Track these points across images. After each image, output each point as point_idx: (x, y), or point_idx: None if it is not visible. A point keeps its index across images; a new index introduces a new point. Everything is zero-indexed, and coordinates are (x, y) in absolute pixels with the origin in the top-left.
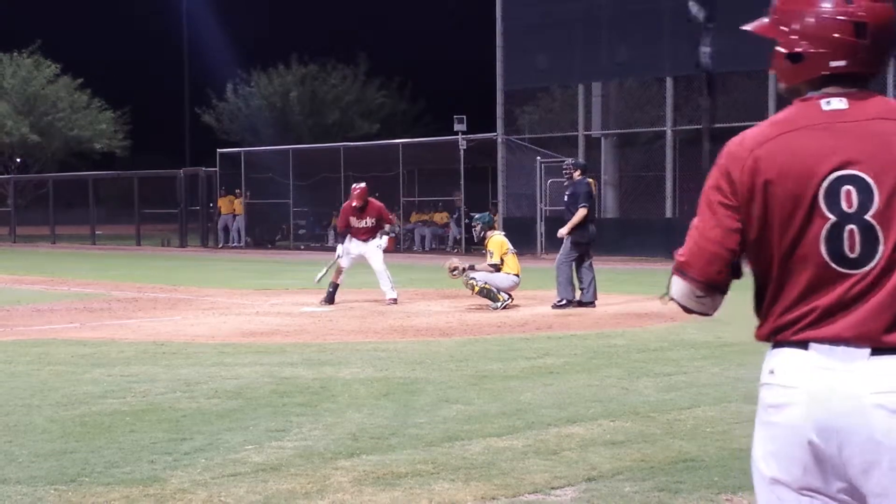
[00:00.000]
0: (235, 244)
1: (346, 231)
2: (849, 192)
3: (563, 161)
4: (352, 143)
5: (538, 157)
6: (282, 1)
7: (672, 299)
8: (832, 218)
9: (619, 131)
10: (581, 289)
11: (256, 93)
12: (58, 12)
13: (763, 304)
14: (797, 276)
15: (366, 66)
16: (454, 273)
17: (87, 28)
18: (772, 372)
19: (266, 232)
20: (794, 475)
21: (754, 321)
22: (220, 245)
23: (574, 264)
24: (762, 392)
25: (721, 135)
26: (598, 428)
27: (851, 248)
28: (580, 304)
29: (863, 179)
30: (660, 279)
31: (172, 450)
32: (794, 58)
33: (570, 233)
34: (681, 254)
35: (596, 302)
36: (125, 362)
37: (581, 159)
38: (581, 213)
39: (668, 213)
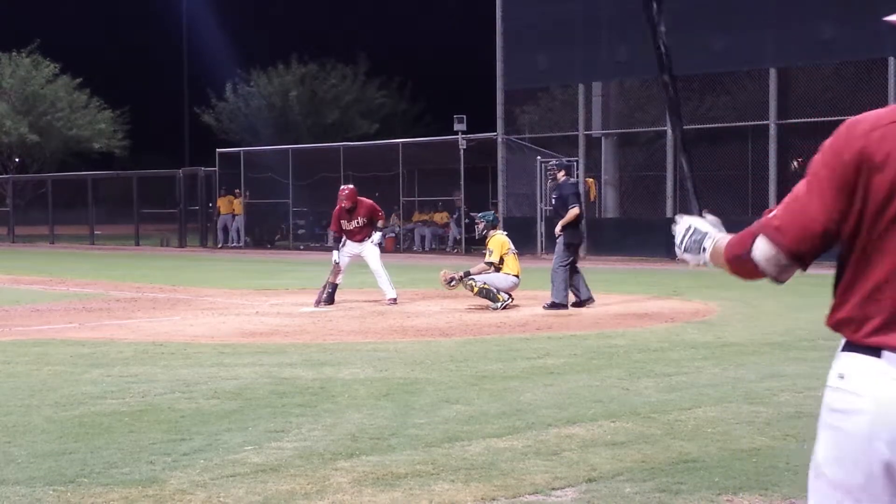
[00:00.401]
0: (235, 244)
1: (341, 235)
2: None
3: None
4: (351, 143)
5: (538, 157)
6: (281, 1)
7: (752, 257)
8: None
9: (619, 131)
10: (574, 291)
11: (256, 92)
12: (56, 12)
13: (839, 287)
14: (874, 269)
15: (366, 65)
16: (452, 284)
17: (87, 27)
18: (841, 376)
19: (265, 232)
20: (857, 482)
21: (754, 322)
22: (220, 245)
23: (569, 269)
24: (828, 395)
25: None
26: (599, 428)
27: None
28: (578, 304)
29: None
30: (660, 279)
31: (171, 450)
32: None
33: (562, 232)
34: (776, 217)
35: (593, 297)
36: (124, 363)
37: (565, 159)
38: (574, 211)
39: (669, 213)
